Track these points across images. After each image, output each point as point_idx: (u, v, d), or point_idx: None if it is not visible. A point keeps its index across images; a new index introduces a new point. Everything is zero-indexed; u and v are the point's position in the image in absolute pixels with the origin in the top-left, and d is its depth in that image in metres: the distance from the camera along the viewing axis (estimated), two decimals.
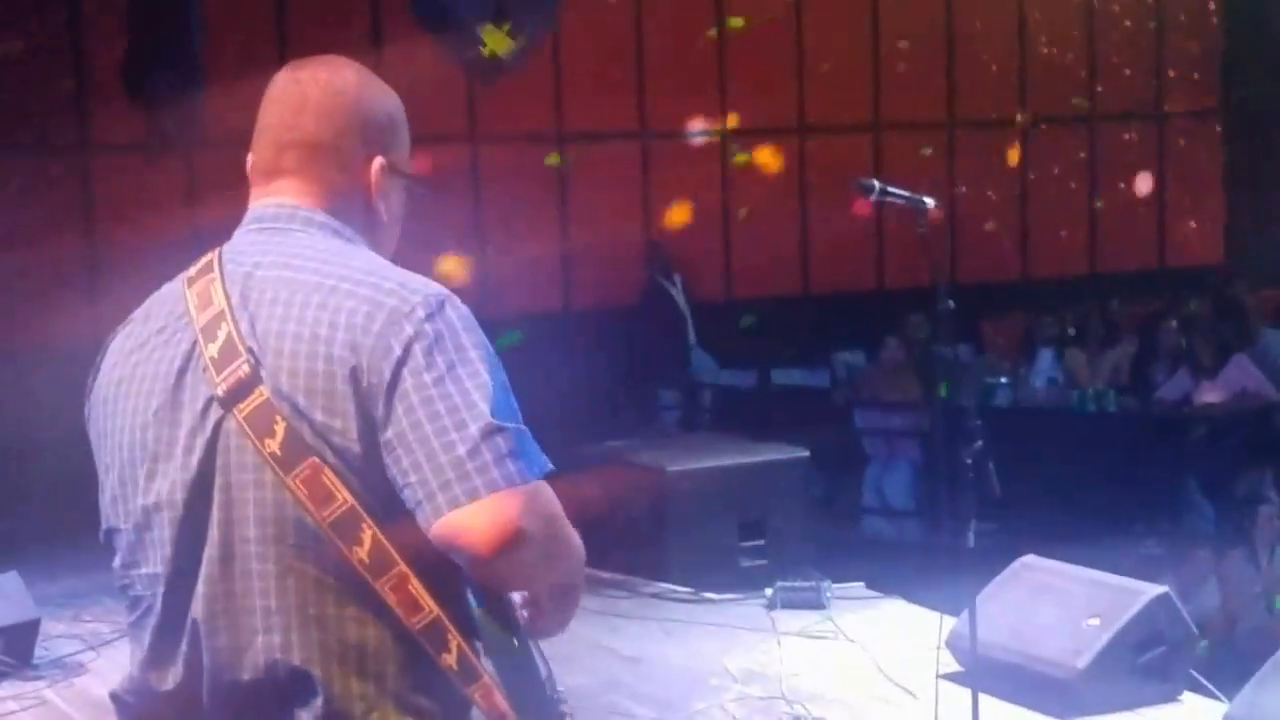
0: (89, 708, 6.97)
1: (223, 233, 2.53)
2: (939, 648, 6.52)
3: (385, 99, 2.57)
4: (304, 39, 11.46)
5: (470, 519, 2.18)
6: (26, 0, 12.13)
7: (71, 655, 7.59)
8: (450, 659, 2.28)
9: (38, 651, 7.49)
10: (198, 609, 2.35)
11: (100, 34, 12.03)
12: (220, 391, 2.30)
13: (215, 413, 2.31)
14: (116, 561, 2.50)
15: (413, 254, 2.61)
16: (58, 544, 8.33)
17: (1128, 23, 17.38)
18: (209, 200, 10.65)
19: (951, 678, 6.29)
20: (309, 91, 2.51)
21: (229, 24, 11.43)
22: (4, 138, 11.61)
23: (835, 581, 8.34)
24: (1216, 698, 6.40)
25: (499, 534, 2.19)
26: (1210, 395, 12.76)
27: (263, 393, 2.27)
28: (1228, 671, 6.65)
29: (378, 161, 2.51)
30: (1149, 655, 6.48)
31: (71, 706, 7.02)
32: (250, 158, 2.54)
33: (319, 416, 2.26)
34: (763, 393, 13.42)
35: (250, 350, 2.30)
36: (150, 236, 10.55)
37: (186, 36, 10.63)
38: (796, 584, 8.18)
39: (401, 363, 2.23)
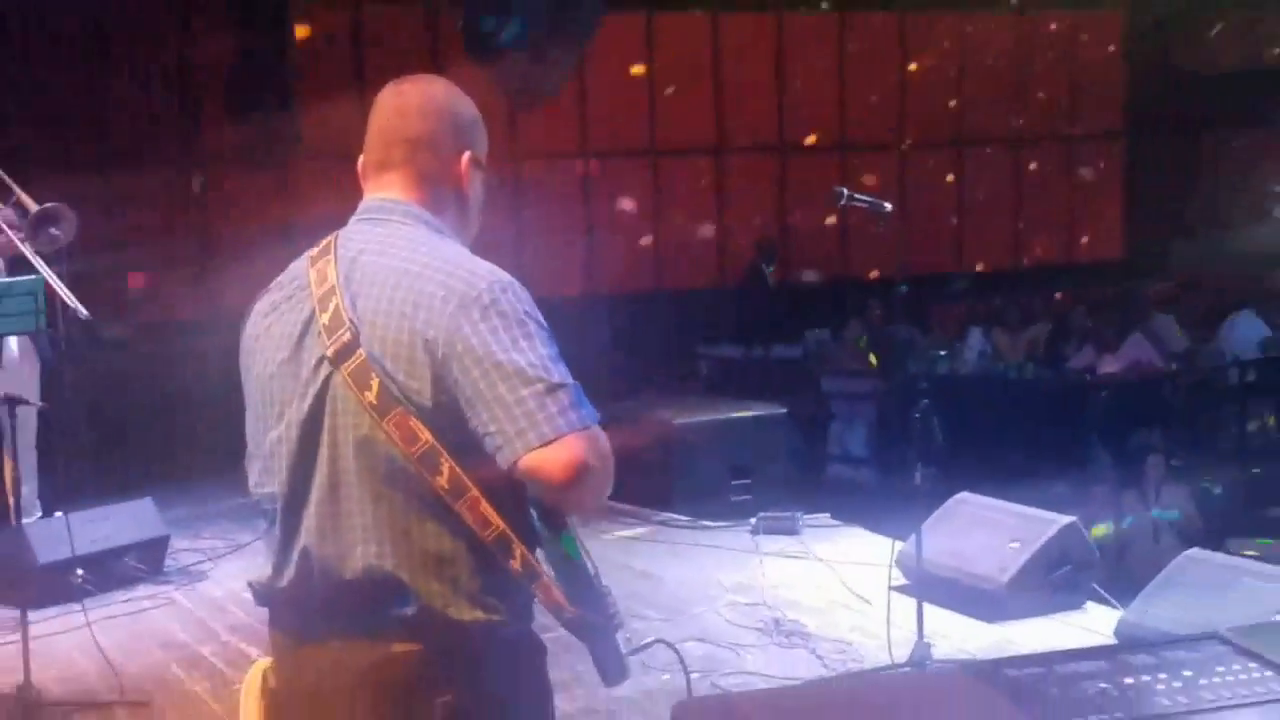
0: (206, 606, 7.07)
1: (308, 228, 2.56)
2: (891, 566, 6.61)
3: (468, 105, 2.59)
4: (377, 70, 11.47)
5: (547, 457, 2.21)
6: (146, 43, 12.13)
7: (194, 565, 7.71)
8: (516, 564, 2.30)
9: (167, 562, 7.59)
10: (309, 524, 2.39)
11: (210, 70, 12.03)
12: (329, 352, 2.34)
13: (325, 368, 2.35)
14: (251, 482, 2.53)
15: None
16: (185, 478, 8.38)
17: (1050, 55, 17.30)
18: (296, 201, 10.68)
19: (900, 590, 6.38)
20: (409, 99, 2.55)
21: (315, 58, 11.41)
22: (135, 153, 11.60)
23: (806, 513, 8.44)
24: (1113, 606, 6.48)
25: (571, 468, 2.22)
26: (1110, 366, 12.75)
27: (361, 355, 2.30)
28: (1121, 587, 6.69)
29: (466, 155, 2.53)
30: (1059, 572, 6.57)
31: (193, 605, 7.12)
32: (362, 159, 2.57)
33: (401, 377, 2.28)
34: (748, 362, 13.43)
35: (352, 321, 2.33)
36: (249, 231, 10.59)
37: (280, 70, 10.62)
38: (775, 515, 8.27)
39: (470, 337, 2.25)
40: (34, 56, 11.01)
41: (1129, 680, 2.05)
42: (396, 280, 2.34)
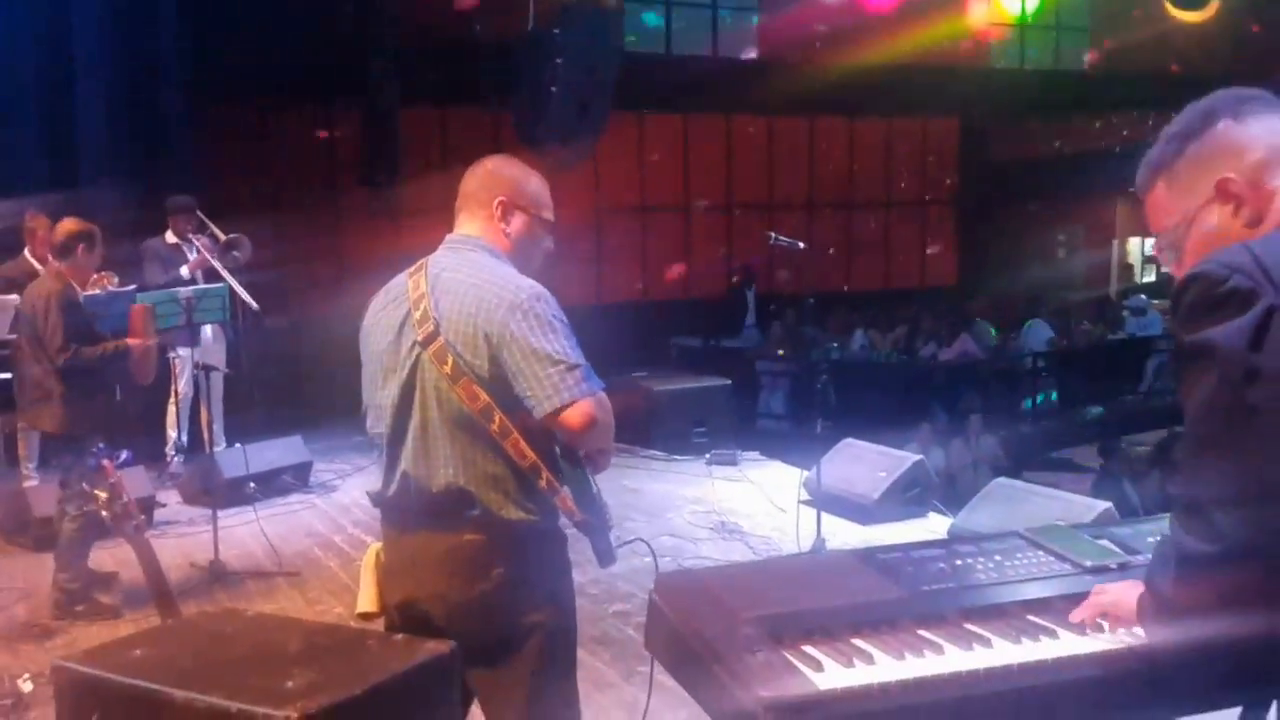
0: (337, 509, 7.07)
1: (413, 255, 2.55)
2: (800, 487, 6.61)
3: (521, 173, 2.57)
4: (456, 152, 11.46)
5: (567, 414, 2.25)
6: (300, 122, 12.10)
7: (329, 481, 7.69)
8: (543, 483, 2.32)
9: (311, 479, 7.58)
10: (407, 454, 2.40)
11: (345, 143, 11.99)
12: (420, 337, 2.35)
13: (417, 349, 2.36)
14: (368, 425, 2.53)
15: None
16: (323, 422, 8.36)
17: (909, 147, 17.31)
18: (402, 237, 10.65)
19: (806, 503, 6.36)
20: (478, 166, 2.56)
21: (414, 140, 11.34)
22: (293, 201, 11.57)
23: (743, 451, 8.44)
24: (946, 515, 6.49)
25: (584, 421, 2.25)
26: (947, 355, 12.80)
27: (441, 341, 2.32)
28: (950, 503, 6.71)
29: (498, 200, 2.50)
30: (911, 492, 6.59)
31: (328, 508, 7.11)
32: (456, 203, 2.56)
33: (468, 356, 2.30)
34: (705, 349, 13.40)
35: (435, 318, 2.34)
36: (369, 258, 10.54)
37: (392, 149, 10.60)
38: (723, 452, 8.27)
39: (514, 329, 2.27)
40: (226, 135, 10.98)
41: (959, 562, 2.06)
42: (466, 291, 2.34)
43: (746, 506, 6.97)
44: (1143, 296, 15.57)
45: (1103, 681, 1.74)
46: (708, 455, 8.24)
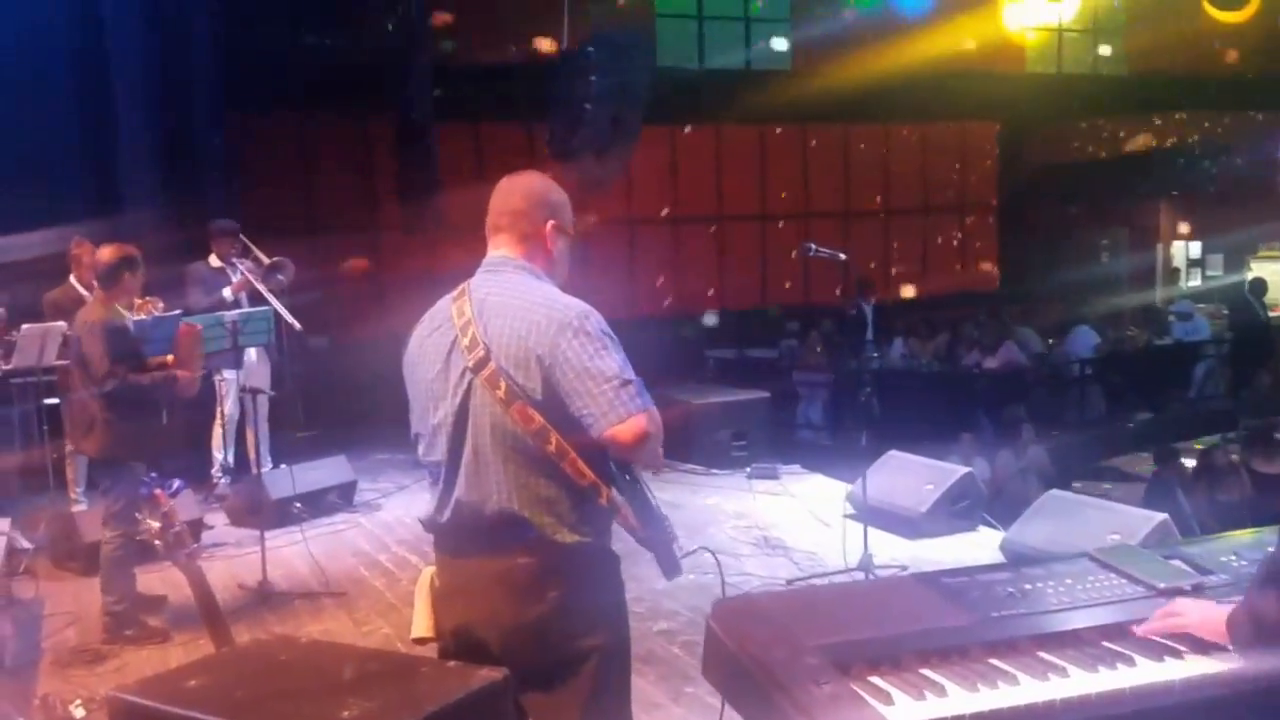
0: (381, 528, 7.05)
1: (451, 271, 2.54)
2: (845, 501, 6.53)
3: (555, 190, 2.55)
4: (492, 168, 11.47)
5: (622, 430, 2.23)
6: (338, 145, 12.21)
7: (373, 500, 7.67)
8: (603, 500, 2.32)
9: (355, 498, 7.57)
10: (461, 480, 2.38)
11: (381, 167, 12.06)
12: (470, 364, 2.34)
13: (468, 376, 2.35)
14: (419, 452, 2.51)
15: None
16: (367, 442, 8.39)
17: (948, 153, 17.19)
18: (439, 253, 10.69)
19: (850, 517, 6.29)
20: (516, 185, 2.53)
21: (449, 157, 11.38)
22: (333, 225, 11.67)
23: (784, 464, 8.36)
24: (996, 529, 6.38)
25: (637, 437, 2.24)
26: (990, 363, 12.64)
27: (492, 366, 2.30)
28: (999, 516, 6.59)
29: (550, 224, 2.49)
30: (959, 505, 6.46)
31: (373, 527, 7.08)
32: (487, 222, 2.54)
33: (520, 379, 2.28)
34: (740, 361, 13.32)
35: (485, 343, 2.32)
36: (408, 277, 10.60)
37: (429, 167, 10.64)
38: (763, 465, 8.18)
39: (566, 351, 2.25)
40: (265, 155, 11.09)
41: (1027, 586, 2.00)
42: (514, 313, 2.33)
43: (789, 521, 6.88)
44: (1188, 301, 15.33)
45: (1186, 709, 1.68)
46: (748, 469, 8.16)
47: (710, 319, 14.27)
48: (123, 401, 5.05)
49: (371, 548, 6.61)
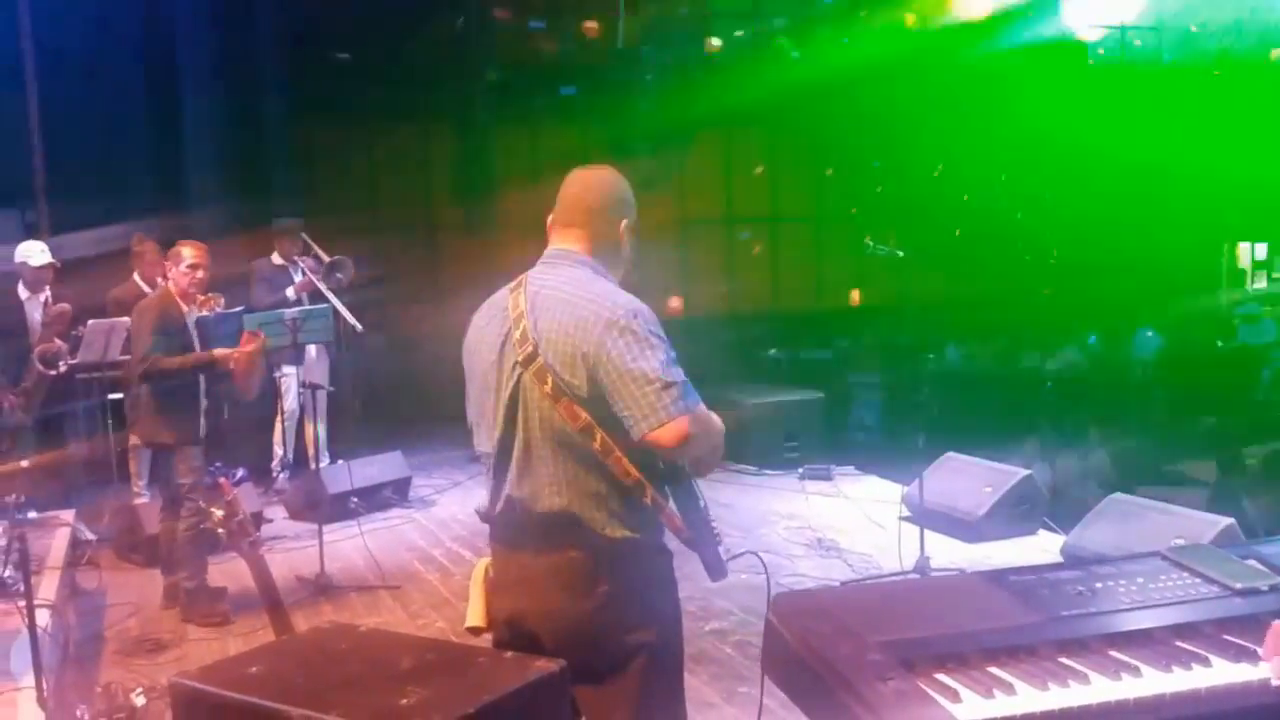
0: (436, 523, 7.11)
1: (508, 271, 2.52)
2: (900, 503, 6.45)
3: (627, 188, 2.54)
4: (548, 169, 11.50)
5: (665, 432, 2.21)
6: (398, 146, 12.32)
7: (428, 495, 7.74)
8: (648, 500, 2.30)
9: (411, 494, 7.64)
10: (512, 474, 2.38)
11: (439, 169, 12.12)
12: (520, 358, 2.33)
13: (518, 369, 2.34)
14: (475, 443, 2.51)
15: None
16: (422, 438, 8.46)
17: None
18: (497, 254, 10.73)
19: (906, 519, 6.22)
20: (590, 180, 2.51)
21: (507, 157, 11.42)
22: (393, 223, 11.76)
23: (837, 465, 8.29)
24: (1057, 532, 6.26)
25: (679, 439, 2.22)
26: (1051, 365, 12.43)
27: (540, 361, 2.30)
28: (1059, 520, 6.47)
29: (624, 223, 2.49)
30: (1019, 509, 6.36)
31: (428, 522, 7.15)
32: (551, 216, 2.51)
33: (566, 377, 2.28)
34: (794, 361, 13.20)
35: (533, 338, 2.32)
36: (466, 273, 10.63)
37: (488, 168, 10.71)
38: (816, 466, 8.13)
39: (610, 349, 2.24)
40: (326, 155, 11.21)
41: (1098, 585, 1.95)
42: (563, 310, 2.32)
43: (843, 522, 6.82)
44: (1255, 304, 14.96)
45: (1264, 712, 1.63)
46: (801, 469, 8.11)
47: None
48: (162, 389, 5.15)
49: (426, 543, 6.65)
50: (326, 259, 7.72)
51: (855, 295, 14.59)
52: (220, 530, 2.94)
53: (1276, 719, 1.66)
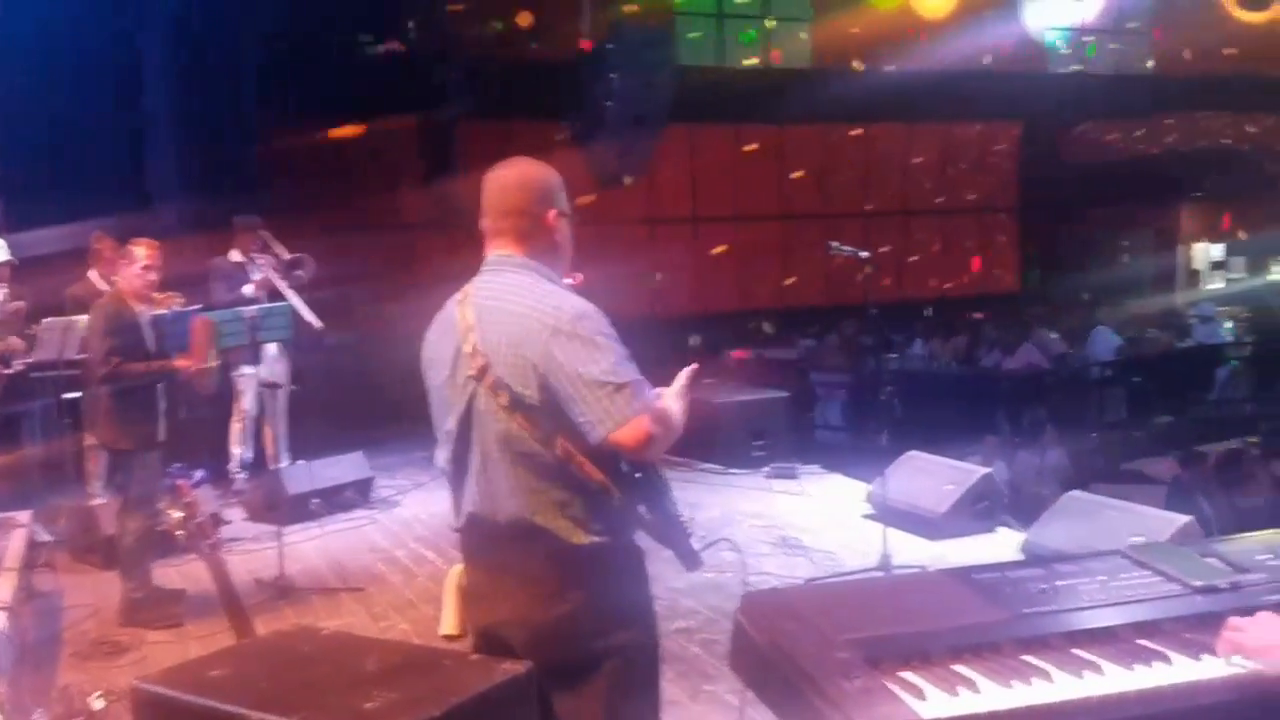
0: (398, 524, 7.04)
1: (472, 271, 2.51)
2: (865, 501, 6.49)
3: (549, 174, 2.50)
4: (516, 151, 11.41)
5: (625, 432, 2.21)
6: (362, 142, 12.23)
7: (390, 496, 7.65)
8: (614, 502, 2.29)
9: (372, 494, 7.55)
10: (471, 488, 2.39)
11: (408, 160, 12.02)
12: (473, 372, 2.33)
13: (471, 384, 2.34)
14: (436, 457, 2.51)
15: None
16: (384, 438, 8.39)
17: (968, 153, 17.10)
18: (464, 253, 10.66)
19: (869, 517, 6.27)
20: (507, 180, 2.48)
21: (473, 154, 11.34)
22: (355, 222, 11.68)
23: (803, 464, 8.32)
24: (1016, 530, 6.33)
25: (640, 439, 2.22)
26: (1010, 364, 12.57)
27: (493, 375, 2.29)
28: (1018, 517, 6.55)
29: (553, 212, 2.45)
30: (979, 506, 6.42)
31: (390, 523, 7.07)
32: (482, 223, 2.49)
33: (519, 388, 2.27)
34: (759, 361, 13.26)
35: (483, 352, 2.32)
36: (435, 268, 10.58)
37: (452, 164, 10.65)
38: (782, 465, 8.15)
39: (558, 356, 2.23)
40: (289, 150, 11.08)
41: (1060, 582, 1.98)
42: (509, 321, 2.31)
43: (808, 521, 6.84)
44: (1209, 305, 15.23)
45: (1224, 710, 1.65)
46: (767, 468, 8.13)
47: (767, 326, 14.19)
48: (123, 391, 5.09)
49: (389, 544, 6.60)
50: (286, 256, 7.64)
51: (820, 295, 14.67)
52: (179, 532, 2.90)
53: (1237, 716, 1.69)
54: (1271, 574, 1.97)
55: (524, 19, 11.24)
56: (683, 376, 2.47)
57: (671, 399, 2.39)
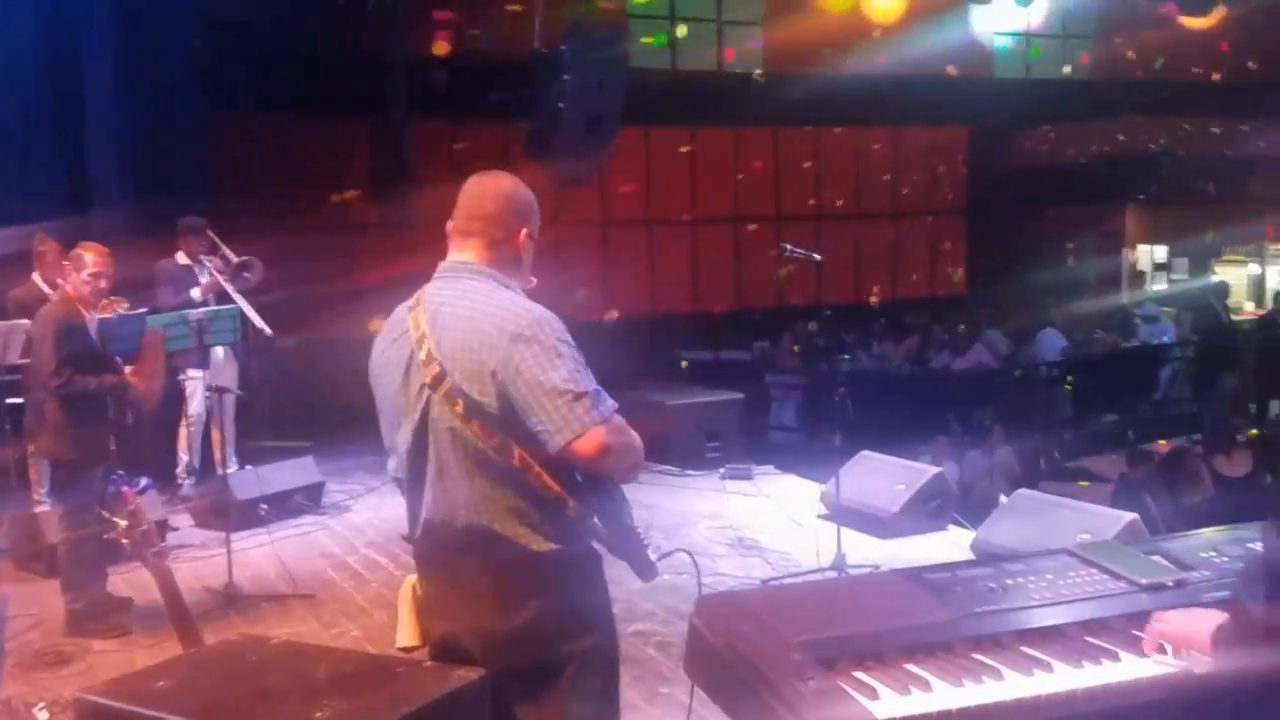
0: (350, 529, 6.99)
1: (424, 274, 2.47)
2: (818, 500, 6.54)
3: (529, 195, 2.49)
4: (468, 166, 11.37)
5: (580, 444, 2.19)
6: (307, 144, 12.10)
7: (341, 501, 7.59)
8: (571, 512, 2.27)
9: (323, 499, 7.49)
10: (427, 497, 2.36)
11: (357, 161, 11.91)
12: (427, 380, 2.30)
13: (426, 392, 2.31)
14: (390, 469, 2.48)
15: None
16: (334, 442, 8.31)
17: (915, 157, 17.28)
18: (415, 255, 10.57)
19: (823, 517, 6.31)
20: (489, 187, 2.46)
21: (423, 155, 11.28)
22: (304, 223, 11.54)
23: (757, 465, 8.36)
24: (966, 528, 6.41)
25: (596, 450, 2.20)
26: (960, 365, 12.72)
27: (449, 383, 2.26)
28: (968, 515, 6.63)
29: (525, 231, 2.44)
30: (930, 505, 6.50)
31: (341, 529, 7.02)
32: (450, 224, 2.46)
33: (477, 396, 2.24)
34: (713, 362, 13.33)
35: (438, 359, 2.28)
36: (382, 275, 10.49)
37: (401, 164, 10.56)
38: (737, 466, 8.19)
39: (517, 362, 2.21)
40: (237, 152, 10.95)
41: (1009, 581, 2.00)
42: (466, 327, 2.28)
43: (763, 521, 6.88)
44: (1154, 305, 15.51)
45: (1171, 706, 1.68)
46: (722, 470, 8.16)
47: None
48: (77, 402, 5.00)
49: (340, 549, 6.54)
50: (234, 259, 7.54)
51: (774, 297, 14.74)
52: (124, 540, 2.84)
53: (1183, 712, 1.71)
54: (1215, 571, 2.01)
55: (475, 20, 11.18)
56: None
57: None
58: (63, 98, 8.44)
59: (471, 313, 2.28)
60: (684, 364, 13.10)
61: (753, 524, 6.80)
